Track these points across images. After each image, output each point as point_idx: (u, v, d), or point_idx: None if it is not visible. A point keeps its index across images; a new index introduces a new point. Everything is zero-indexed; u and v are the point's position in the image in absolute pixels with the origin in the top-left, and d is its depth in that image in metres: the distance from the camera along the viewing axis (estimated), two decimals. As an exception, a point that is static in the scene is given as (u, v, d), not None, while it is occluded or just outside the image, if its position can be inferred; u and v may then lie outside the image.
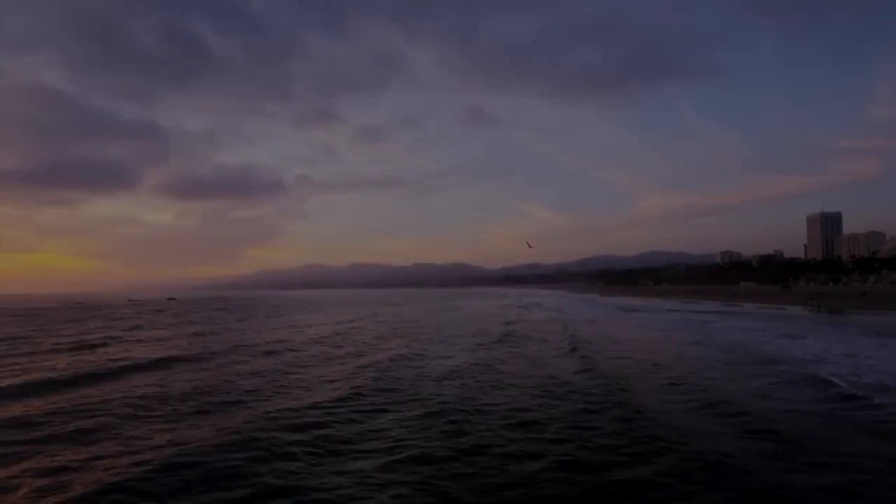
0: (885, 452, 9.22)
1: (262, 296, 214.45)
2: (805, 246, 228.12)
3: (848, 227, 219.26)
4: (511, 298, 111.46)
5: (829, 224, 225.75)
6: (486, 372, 18.04)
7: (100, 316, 63.08)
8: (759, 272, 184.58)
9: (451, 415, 12.05)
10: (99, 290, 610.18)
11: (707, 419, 11.61)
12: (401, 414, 12.49)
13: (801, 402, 13.04)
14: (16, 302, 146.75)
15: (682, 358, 20.95)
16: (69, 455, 9.74)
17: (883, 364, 18.19)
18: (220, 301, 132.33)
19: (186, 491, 7.93)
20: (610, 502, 7.55)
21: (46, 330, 41.29)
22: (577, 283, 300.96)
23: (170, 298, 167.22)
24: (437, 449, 9.69)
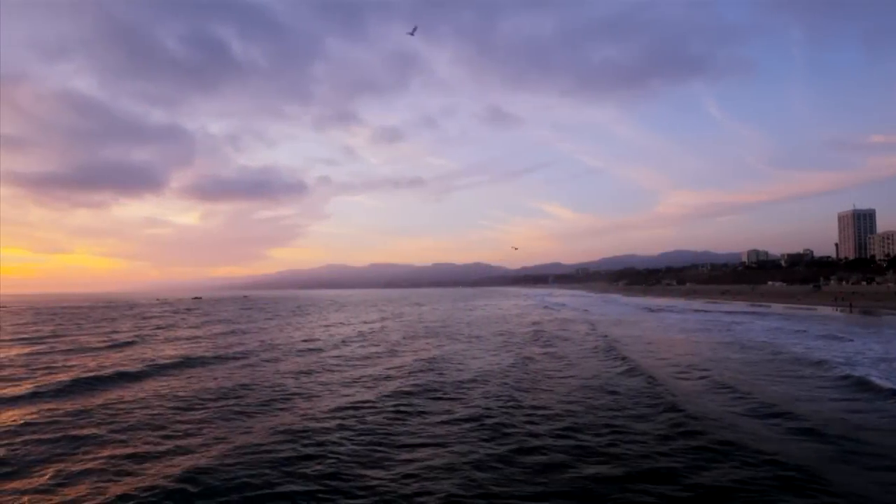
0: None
1: (286, 295, 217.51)
2: (836, 245, 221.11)
3: (882, 225, 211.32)
4: (533, 298, 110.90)
5: (861, 222, 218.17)
6: (525, 372, 18.04)
7: (135, 315, 64.86)
8: (788, 272, 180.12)
9: (496, 416, 12.10)
10: (128, 290, 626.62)
11: (763, 422, 11.38)
12: (446, 415, 12.51)
13: (851, 404, 12.84)
14: (55, 301, 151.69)
15: (720, 360, 20.59)
16: (129, 450, 10.09)
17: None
18: (246, 301, 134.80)
19: (245, 488, 8.18)
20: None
21: (85, 328, 42.74)
22: (597, 283, 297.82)
23: (196, 298, 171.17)
24: (488, 452, 9.69)
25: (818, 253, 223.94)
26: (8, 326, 45.39)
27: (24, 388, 16.44)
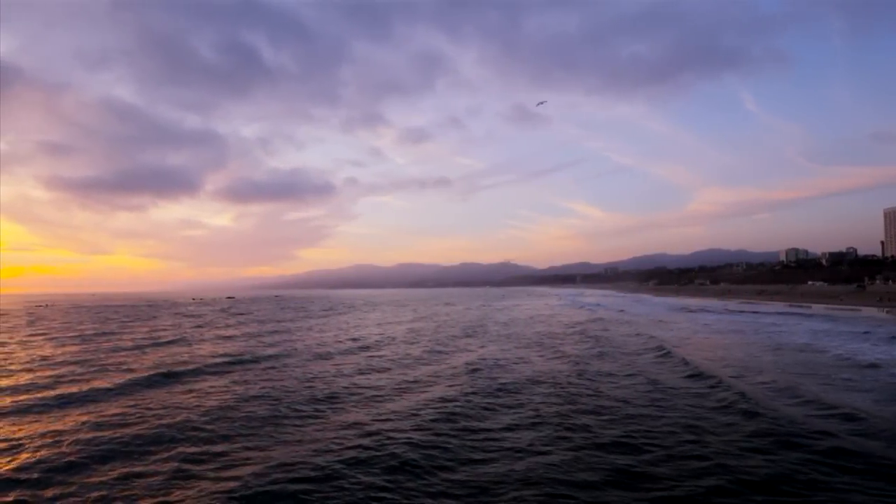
0: None
1: (317, 295, 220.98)
2: (882, 243, 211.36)
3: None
4: (564, 298, 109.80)
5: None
6: (582, 375, 17.86)
7: (179, 314, 67.01)
8: (829, 271, 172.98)
9: (572, 418, 12.10)
10: (166, 290, 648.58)
11: (849, 428, 11.04)
12: (515, 419, 12.41)
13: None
14: (100, 300, 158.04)
15: (778, 363, 20.00)
16: (214, 447, 10.55)
17: None
18: (279, 300, 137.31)
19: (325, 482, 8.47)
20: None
21: (131, 326, 44.37)
22: (627, 283, 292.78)
23: (229, 297, 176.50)
24: (571, 458, 9.57)
25: (862, 251, 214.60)
26: (62, 324, 47.82)
27: (90, 385, 17.19)
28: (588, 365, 19.95)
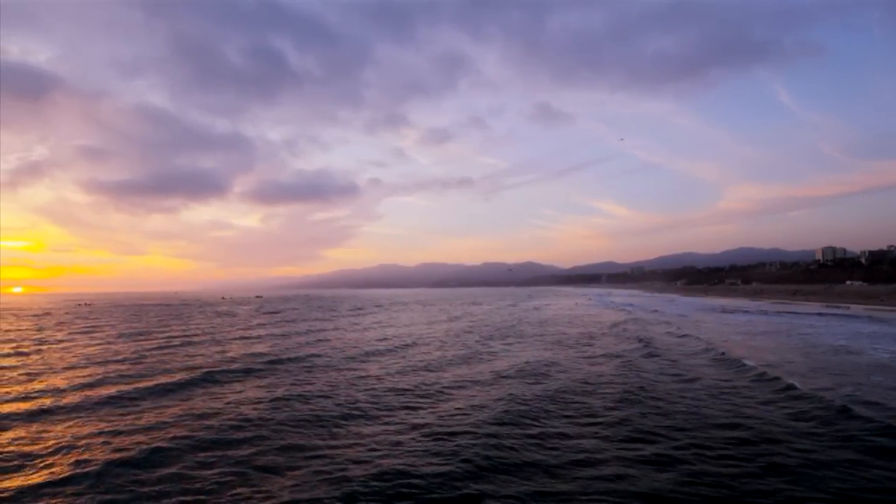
0: None
1: (343, 294, 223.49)
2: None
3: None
4: (592, 298, 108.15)
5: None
6: (638, 376, 17.35)
7: (218, 313, 68.34)
8: (869, 270, 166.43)
9: (644, 423, 11.82)
10: (197, 289, 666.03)
11: None
12: (581, 428, 12.06)
13: None
14: (137, 299, 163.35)
15: (844, 368, 19.15)
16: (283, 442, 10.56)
17: None
18: (306, 299, 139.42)
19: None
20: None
21: (170, 324, 45.43)
22: (654, 283, 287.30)
23: (257, 296, 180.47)
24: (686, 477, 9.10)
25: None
26: (109, 322, 49.35)
27: (154, 381, 17.54)
28: (641, 367, 19.38)
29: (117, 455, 10.03)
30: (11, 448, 10.63)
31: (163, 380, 18.09)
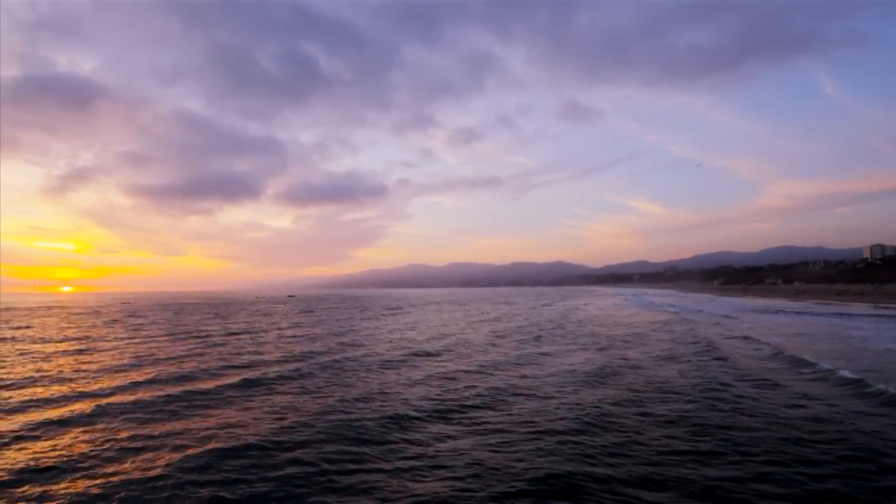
0: None
1: (375, 294, 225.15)
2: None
3: None
4: (628, 298, 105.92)
5: None
6: (719, 383, 16.51)
7: (263, 312, 69.58)
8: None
9: (738, 432, 11.33)
10: (232, 288, 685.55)
11: None
12: (685, 436, 11.49)
13: None
14: (178, 298, 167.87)
15: None
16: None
17: None
18: (339, 298, 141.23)
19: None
20: None
21: (217, 322, 46.32)
22: (688, 283, 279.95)
23: (290, 296, 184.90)
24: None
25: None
26: (155, 321, 50.79)
27: (216, 383, 17.83)
28: (715, 371, 18.57)
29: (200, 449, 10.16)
30: (121, 442, 10.96)
31: (237, 376, 18.52)
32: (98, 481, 8.85)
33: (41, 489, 8.57)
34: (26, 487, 8.66)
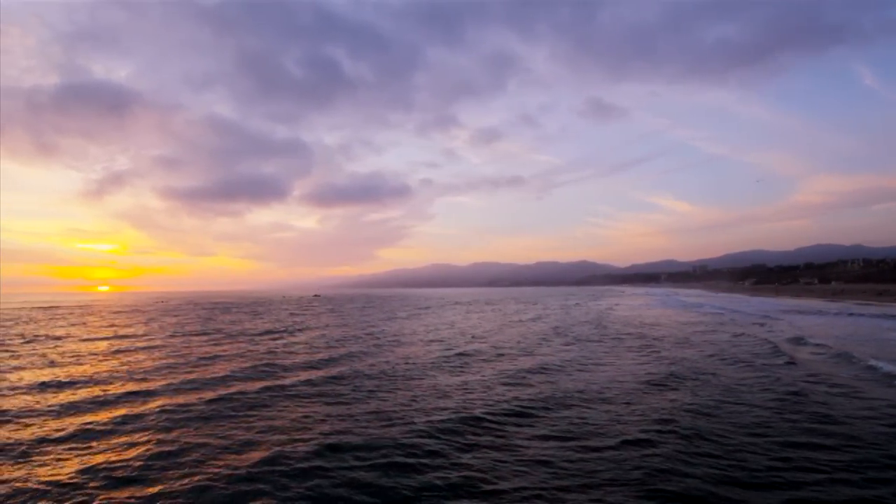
0: None
1: (401, 293, 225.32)
2: None
3: None
4: (659, 297, 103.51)
5: None
6: (798, 389, 15.83)
7: (289, 311, 69.90)
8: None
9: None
10: (260, 288, 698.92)
11: None
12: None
13: None
14: (211, 298, 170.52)
15: None
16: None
17: None
18: (366, 298, 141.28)
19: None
20: None
21: (251, 322, 46.89)
22: (718, 282, 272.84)
23: (315, 295, 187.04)
24: None
25: None
26: (190, 319, 51.67)
27: (273, 382, 17.97)
28: (786, 375, 17.81)
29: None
30: (185, 441, 10.99)
31: (294, 377, 18.74)
32: (165, 486, 8.78)
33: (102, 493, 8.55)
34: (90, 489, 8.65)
